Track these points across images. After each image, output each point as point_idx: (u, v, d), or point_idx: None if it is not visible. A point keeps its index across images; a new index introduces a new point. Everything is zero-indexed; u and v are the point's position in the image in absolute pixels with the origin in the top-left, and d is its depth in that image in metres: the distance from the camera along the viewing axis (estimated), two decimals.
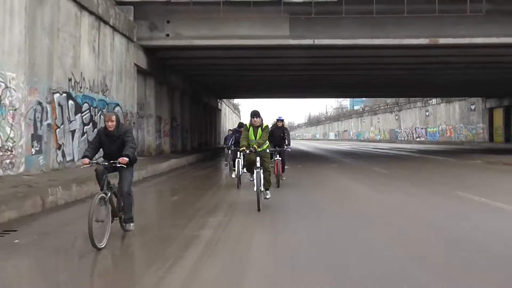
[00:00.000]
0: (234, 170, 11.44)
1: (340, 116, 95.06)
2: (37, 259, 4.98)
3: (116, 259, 5.13)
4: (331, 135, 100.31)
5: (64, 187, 8.26)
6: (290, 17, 16.89)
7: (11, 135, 8.89)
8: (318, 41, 17.40)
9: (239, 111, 71.52)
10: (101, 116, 13.28)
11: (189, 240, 5.46)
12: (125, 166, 5.50)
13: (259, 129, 8.01)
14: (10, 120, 8.85)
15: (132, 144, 5.64)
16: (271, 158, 10.01)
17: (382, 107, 67.52)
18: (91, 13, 12.43)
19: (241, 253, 5.00)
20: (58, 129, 10.72)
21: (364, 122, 77.02)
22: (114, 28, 14.22)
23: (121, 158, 5.41)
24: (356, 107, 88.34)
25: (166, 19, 17.33)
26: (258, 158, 7.77)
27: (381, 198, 8.86)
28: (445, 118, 49.12)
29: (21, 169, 9.20)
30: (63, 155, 11.00)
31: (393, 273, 4.20)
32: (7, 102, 8.74)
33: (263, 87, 34.01)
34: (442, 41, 17.33)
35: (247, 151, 7.82)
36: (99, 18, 13.03)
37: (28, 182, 8.24)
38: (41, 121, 9.95)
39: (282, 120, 11.28)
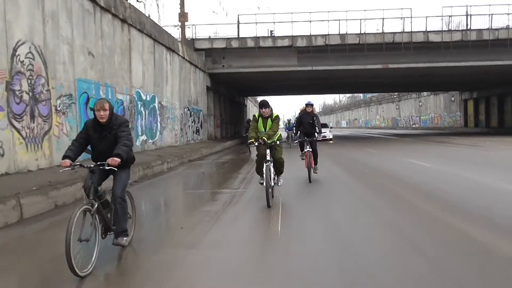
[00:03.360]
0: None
1: (351, 105, 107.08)
2: (217, 164, 17.64)
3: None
4: (343, 123, 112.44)
5: (206, 148, 21.17)
6: (297, 55, 29.52)
7: (176, 128, 21.82)
8: (315, 68, 29.97)
9: (258, 103, 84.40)
10: (198, 117, 26.20)
11: None
12: (115, 169, 4.49)
13: (269, 120, 7.81)
14: (177, 122, 21.80)
15: (127, 141, 4.57)
16: (302, 150, 10.58)
17: (386, 98, 79.48)
18: (193, 64, 25.30)
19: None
20: (186, 125, 23.66)
21: (371, 111, 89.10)
22: (199, 68, 27.07)
23: (110, 158, 4.38)
24: (368, 96, 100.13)
25: (222, 56, 30.10)
26: (267, 151, 7.60)
27: (332, 150, 21.51)
28: (433, 108, 61.15)
29: (178, 143, 22.11)
30: (187, 137, 23.95)
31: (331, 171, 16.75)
32: (175, 115, 21.64)
33: (280, 89, 46.71)
34: (391, 66, 29.74)
35: (256, 144, 7.62)
36: (195, 66, 25.89)
37: (187, 148, 21.10)
38: (182, 122, 22.88)
39: (312, 105, 10.52)
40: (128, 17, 15.35)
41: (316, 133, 10.44)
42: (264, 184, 7.36)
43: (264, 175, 7.39)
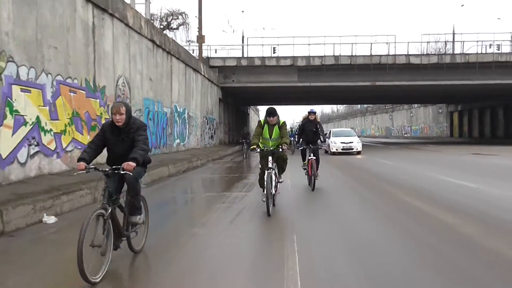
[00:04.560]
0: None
1: (348, 115, 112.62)
2: (236, 162, 22.82)
3: None
4: None
5: (221, 151, 26.41)
6: (298, 72, 34.89)
7: (198, 134, 27.07)
8: (312, 84, 35.34)
9: (258, 111, 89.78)
10: (212, 125, 31.51)
11: None
12: (131, 174, 4.52)
13: (276, 127, 7.96)
14: (198, 129, 27.07)
15: (144, 145, 4.64)
16: (304, 158, 10.90)
17: (381, 108, 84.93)
18: (210, 80, 30.63)
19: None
20: (204, 131, 28.93)
21: (366, 120, 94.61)
22: (214, 83, 32.40)
23: (126, 163, 4.41)
24: (364, 106, 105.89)
25: (233, 72, 35.45)
26: (270, 158, 7.63)
27: (326, 155, 26.75)
28: (423, 119, 66.63)
29: (199, 146, 27.34)
30: (205, 142, 29.19)
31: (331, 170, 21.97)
32: (197, 122, 26.90)
33: (281, 99, 52.14)
34: (378, 83, 35.13)
35: (258, 150, 7.72)
36: (211, 81, 31.22)
37: (207, 150, 26.33)
38: (202, 128, 28.16)
39: (315, 113, 10.80)
40: (171, 49, 20.67)
41: (320, 141, 10.78)
42: (265, 192, 7.34)
43: (265, 183, 7.37)
